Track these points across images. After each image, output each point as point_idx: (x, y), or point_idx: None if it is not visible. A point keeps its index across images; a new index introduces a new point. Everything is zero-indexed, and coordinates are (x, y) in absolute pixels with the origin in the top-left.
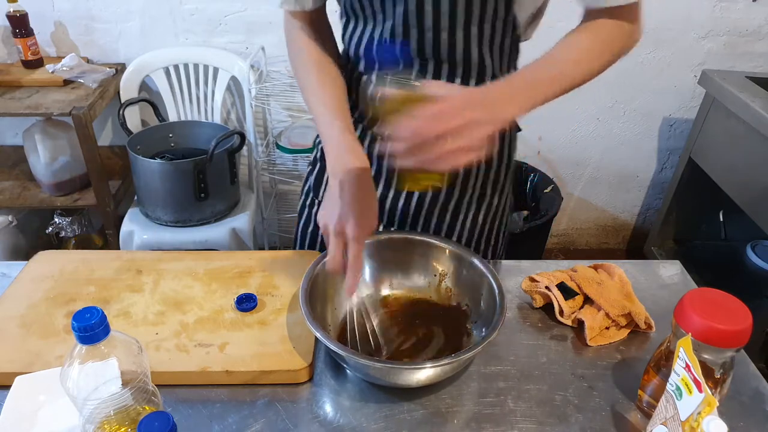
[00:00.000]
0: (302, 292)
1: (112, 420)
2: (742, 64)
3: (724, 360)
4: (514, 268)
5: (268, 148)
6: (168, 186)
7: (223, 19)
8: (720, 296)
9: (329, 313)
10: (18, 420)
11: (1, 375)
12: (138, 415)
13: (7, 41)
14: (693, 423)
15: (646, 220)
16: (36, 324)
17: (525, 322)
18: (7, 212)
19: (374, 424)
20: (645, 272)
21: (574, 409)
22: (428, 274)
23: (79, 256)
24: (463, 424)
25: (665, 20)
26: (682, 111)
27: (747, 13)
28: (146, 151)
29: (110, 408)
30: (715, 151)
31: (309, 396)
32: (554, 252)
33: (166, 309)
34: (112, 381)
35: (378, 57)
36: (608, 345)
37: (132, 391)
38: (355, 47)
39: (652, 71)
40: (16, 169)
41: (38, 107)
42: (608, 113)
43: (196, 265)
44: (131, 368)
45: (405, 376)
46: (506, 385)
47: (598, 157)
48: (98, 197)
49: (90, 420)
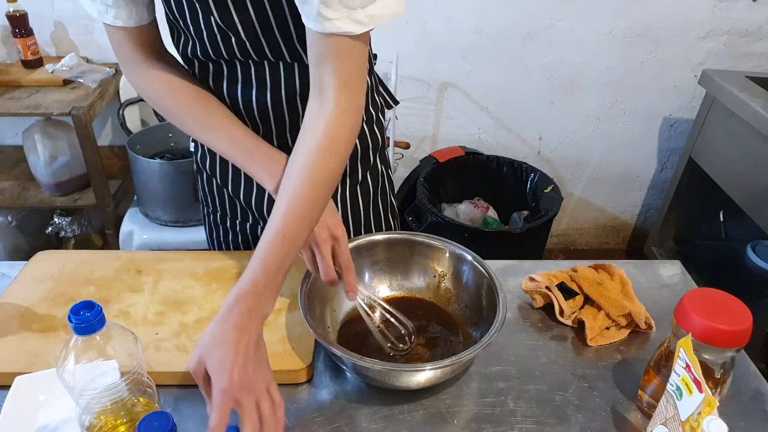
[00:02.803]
0: (301, 294)
1: (107, 411)
2: (742, 64)
3: (724, 360)
4: (514, 268)
5: None
6: (168, 186)
7: None
8: (720, 296)
9: (328, 314)
10: (18, 420)
11: (1, 375)
12: (133, 406)
13: (6, 41)
14: (693, 423)
15: (646, 220)
16: (36, 324)
17: (525, 322)
18: (7, 212)
19: (374, 424)
20: (645, 272)
21: (574, 409)
22: (427, 275)
23: (79, 256)
24: (463, 424)
25: (665, 20)
26: (683, 111)
27: (747, 13)
28: (146, 151)
29: (106, 399)
30: (715, 151)
31: (308, 396)
32: (554, 252)
33: (166, 309)
34: (109, 373)
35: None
36: (608, 345)
37: (127, 383)
38: (182, 56)
39: (652, 71)
40: (15, 169)
41: (38, 107)
42: (608, 113)
43: (196, 265)
44: (127, 361)
45: (405, 378)
46: (506, 386)
47: (598, 157)
48: (98, 197)
49: (86, 411)
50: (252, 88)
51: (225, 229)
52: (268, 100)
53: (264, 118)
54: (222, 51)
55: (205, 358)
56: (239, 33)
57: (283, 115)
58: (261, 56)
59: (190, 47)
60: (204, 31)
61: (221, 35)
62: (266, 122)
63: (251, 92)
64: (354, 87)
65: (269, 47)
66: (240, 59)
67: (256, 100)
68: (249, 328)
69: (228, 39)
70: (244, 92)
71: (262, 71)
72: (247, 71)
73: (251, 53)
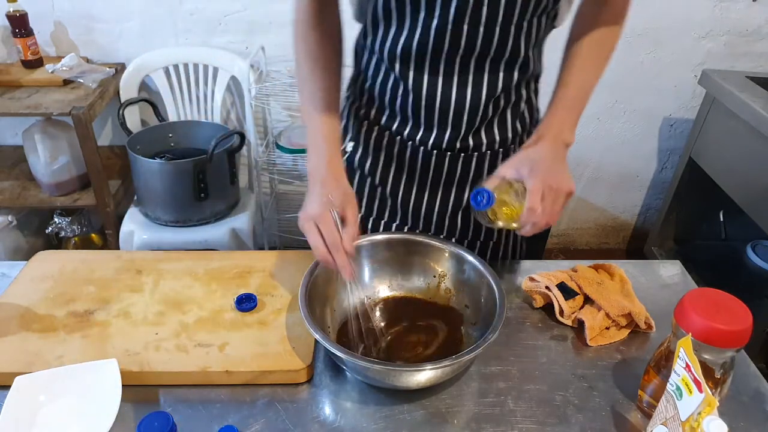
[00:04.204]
0: (302, 293)
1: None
2: (742, 64)
3: (724, 360)
4: (514, 268)
5: (268, 148)
6: (168, 186)
7: (223, 19)
8: (720, 296)
9: (329, 314)
10: (18, 420)
11: (1, 375)
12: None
13: (6, 41)
14: (693, 423)
15: (646, 220)
16: (36, 324)
17: (525, 322)
18: (7, 212)
19: (374, 424)
20: (645, 272)
21: (574, 409)
22: (427, 275)
23: (79, 256)
24: (463, 424)
25: (665, 20)
26: (682, 111)
27: (747, 13)
28: (146, 151)
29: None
30: (715, 151)
31: (309, 396)
32: (554, 252)
33: (166, 309)
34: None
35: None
36: (608, 345)
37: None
38: (389, 51)
39: (652, 71)
40: (16, 169)
41: (38, 107)
42: (608, 113)
43: (196, 265)
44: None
45: (404, 378)
46: (506, 386)
47: (598, 157)
48: (98, 197)
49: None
50: (452, 88)
51: (362, 228)
52: (467, 101)
53: (458, 117)
54: (444, 45)
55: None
56: (480, 25)
57: (477, 116)
58: (484, 52)
59: (403, 41)
60: (436, 19)
61: (453, 27)
62: (458, 122)
63: (450, 91)
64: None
65: (498, 42)
66: (452, 56)
67: (456, 101)
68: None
69: (459, 32)
70: (444, 91)
71: (467, 70)
72: (450, 69)
73: (476, 49)
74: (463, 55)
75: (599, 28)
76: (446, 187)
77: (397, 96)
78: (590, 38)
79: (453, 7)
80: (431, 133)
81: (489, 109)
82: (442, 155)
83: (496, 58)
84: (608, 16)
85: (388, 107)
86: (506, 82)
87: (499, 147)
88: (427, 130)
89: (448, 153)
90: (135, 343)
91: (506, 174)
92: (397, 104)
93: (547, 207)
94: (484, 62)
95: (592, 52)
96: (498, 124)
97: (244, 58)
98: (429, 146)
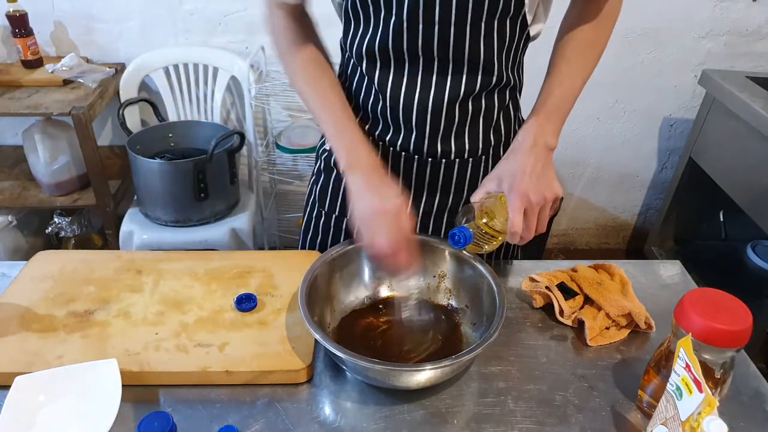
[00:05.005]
0: (301, 293)
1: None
2: (742, 64)
3: (724, 360)
4: (514, 268)
5: (268, 148)
6: (168, 186)
7: (223, 19)
8: (720, 296)
9: (328, 314)
10: (18, 420)
11: (1, 375)
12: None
13: (6, 41)
14: (693, 423)
15: (646, 220)
16: (36, 324)
17: (525, 322)
18: (7, 212)
19: (374, 424)
20: (645, 272)
21: (574, 409)
22: (427, 275)
23: (79, 256)
24: (463, 424)
25: (665, 20)
26: (682, 111)
27: (747, 13)
28: (146, 151)
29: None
30: (715, 151)
31: (309, 396)
32: (554, 252)
33: (166, 309)
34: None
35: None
36: (608, 345)
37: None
38: (356, 49)
39: (652, 71)
40: (15, 169)
41: (38, 107)
42: (608, 113)
43: (195, 265)
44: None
45: (404, 378)
46: (506, 386)
47: (598, 157)
48: (98, 197)
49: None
50: (415, 89)
51: (338, 230)
52: (430, 102)
53: (421, 119)
54: (403, 44)
55: (526, 191)
56: (434, 25)
57: (441, 119)
58: (442, 53)
59: (368, 40)
60: (393, 17)
61: (409, 26)
62: (422, 124)
63: (414, 92)
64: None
65: (455, 43)
66: (412, 56)
67: (418, 102)
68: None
69: (415, 32)
70: (407, 91)
71: (430, 71)
72: (414, 69)
73: (434, 49)
74: (423, 55)
75: (586, 28)
76: (430, 193)
77: (370, 96)
78: (577, 40)
79: (405, 6)
80: (399, 135)
81: (454, 113)
82: (424, 162)
83: (456, 59)
84: (596, 15)
85: (362, 109)
86: (469, 86)
87: (469, 156)
88: (396, 132)
89: (429, 159)
90: (135, 343)
91: (489, 188)
92: (369, 105)
93: (530, 222)
94: (447, 64)
95: (577, 54)
96: (469, 133)
97: (244, 58)
98: (410, 151)
